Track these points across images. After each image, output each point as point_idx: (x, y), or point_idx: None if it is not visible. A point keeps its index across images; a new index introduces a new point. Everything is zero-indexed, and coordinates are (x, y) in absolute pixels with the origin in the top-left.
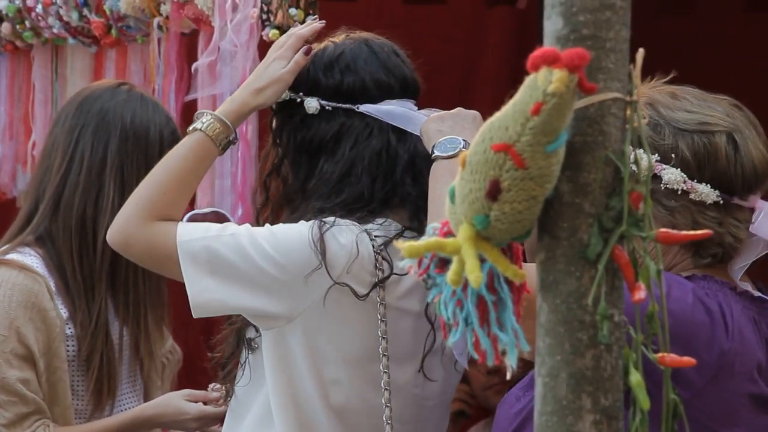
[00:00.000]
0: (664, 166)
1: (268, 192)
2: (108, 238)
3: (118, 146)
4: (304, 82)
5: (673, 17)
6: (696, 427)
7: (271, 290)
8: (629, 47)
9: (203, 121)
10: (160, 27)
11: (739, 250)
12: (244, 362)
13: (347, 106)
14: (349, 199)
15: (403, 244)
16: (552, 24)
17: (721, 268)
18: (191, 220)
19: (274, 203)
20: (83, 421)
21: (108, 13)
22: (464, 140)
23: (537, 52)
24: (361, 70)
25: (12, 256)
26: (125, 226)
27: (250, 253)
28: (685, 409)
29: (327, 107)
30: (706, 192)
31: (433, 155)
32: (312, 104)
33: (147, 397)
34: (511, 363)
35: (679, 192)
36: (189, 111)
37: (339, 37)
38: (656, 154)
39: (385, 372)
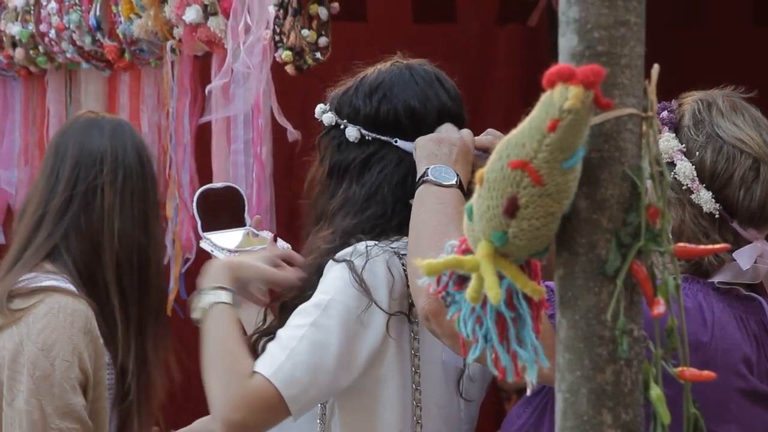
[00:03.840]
0: (684, 158)
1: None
2: (226, 426)
3: (153, 177)
4: (347, 108)
5: (683, 29)
6: None
7: (359, 350)
8: (644, 62)
9: (222, 296)
10: (173, 50)
11: (718, 269)
12: None
13: (386, 138)
14: (372, 216)
15: (421, 262)
16: (567, 41)
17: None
18: (203, 194)
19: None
20: None
21: (121, 37)
22: (458, 175)
23: (552, 69)
24: (395, 98)
25: (51, 283)
26: (234, 406)
27: (326, 340)
28: (673, 408)
29: (367, 137)
30: (706, 199)
31: (426, 177)
32: (352, 133)
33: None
34: (531, 379)
35: (684, 187)
36: (203, 133)
37: (386, 63)
38: (684, 145)
39: (417, 389)
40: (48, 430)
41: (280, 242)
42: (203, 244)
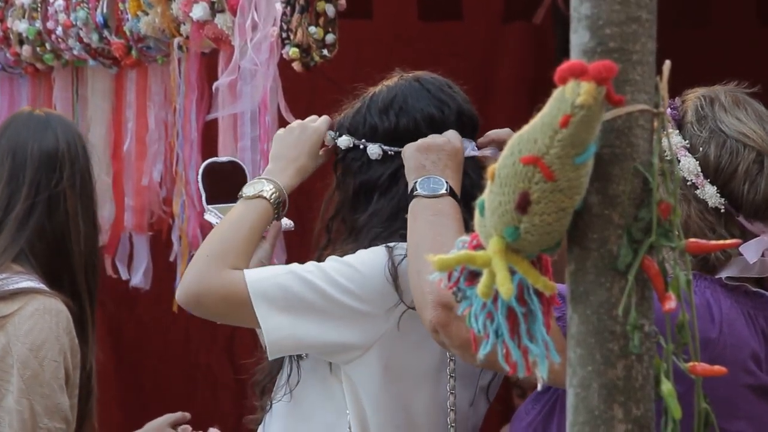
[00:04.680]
0: (688, 153)
1: (330, 234)
2: (180, 296)
3: (92, 170)
4: (362, 128)
5: (689, 30)
6: None
7: (347, 321)
8: (655, 59)
9: (267, 190)
10: (180, 47)
11: (725, 264)
12: (292, 378)
13: None
14: (401, 228)
15: (433, 258)
16: (579, 37)
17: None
18: (208, 167)
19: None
20: None
21: (128, 34)
22: (447, 182)
23: (564, 65)
24: (412, 109)
25: (28, 284)
26: (199, 280)
27: (323, 287)
28: (683, 405)
29: (390, 152)
30: (711, 194)
31: (415, 192)
32: (375, 150)
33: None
34: (541, 374)
35: (688, 183)
36: (210, 130)
37: (392, 80)
38: (688, 141)
39: (452, 393)
40: (37, 429)
41: (284, 219)
42: (207, 216)
